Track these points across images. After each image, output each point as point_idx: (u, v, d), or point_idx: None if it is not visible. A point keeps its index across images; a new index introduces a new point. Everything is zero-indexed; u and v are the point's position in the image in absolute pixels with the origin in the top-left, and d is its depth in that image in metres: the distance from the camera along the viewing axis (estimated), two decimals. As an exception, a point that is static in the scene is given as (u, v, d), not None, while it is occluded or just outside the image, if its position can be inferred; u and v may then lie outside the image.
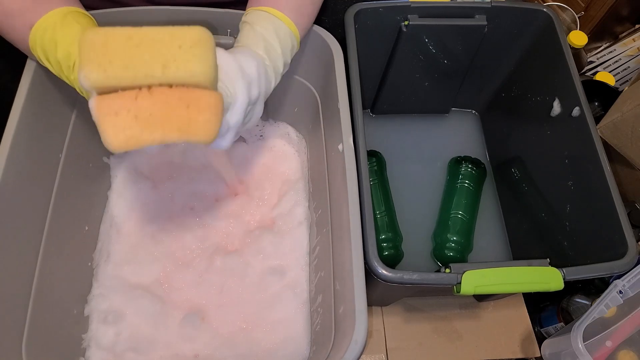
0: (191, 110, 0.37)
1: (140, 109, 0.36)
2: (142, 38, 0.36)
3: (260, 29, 0.48)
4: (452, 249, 0.70)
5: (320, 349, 0.52)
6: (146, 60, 0.35)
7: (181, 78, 0.36)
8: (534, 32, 0.67)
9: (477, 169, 0.75)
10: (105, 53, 0.35)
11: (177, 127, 0.37)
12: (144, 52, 0.35)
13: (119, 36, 0.36)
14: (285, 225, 0.65)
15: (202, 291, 0.61)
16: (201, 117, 0.37)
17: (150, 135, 0.37)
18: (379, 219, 0.70)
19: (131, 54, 0.35)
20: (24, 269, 0.50)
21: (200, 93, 0.37)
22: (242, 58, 0.44)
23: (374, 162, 0.74)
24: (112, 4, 0.57)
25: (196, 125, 0.37)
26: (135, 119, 0.36)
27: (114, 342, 0.57)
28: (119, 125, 0.36)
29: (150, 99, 0.36)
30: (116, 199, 0.66)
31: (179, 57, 0.36)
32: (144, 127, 0.36)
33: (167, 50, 0.36)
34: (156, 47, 0.36)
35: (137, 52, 0.35)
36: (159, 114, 0.36)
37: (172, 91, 0.37)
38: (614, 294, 0.53)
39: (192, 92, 0.37)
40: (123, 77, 0.35)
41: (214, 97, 0.38)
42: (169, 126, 0.37)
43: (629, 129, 0.68)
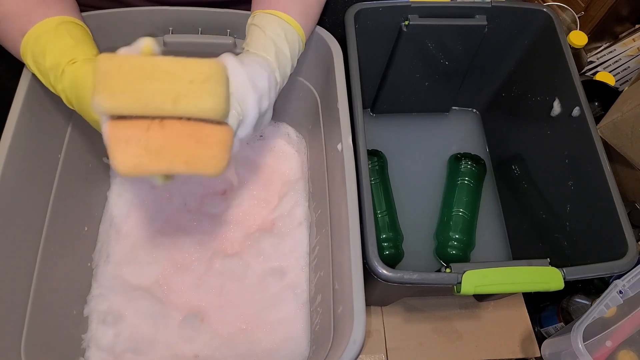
0: (200, 146, 0.38)
1: (151, 140, 0.37)
2: (154, 69, 0.36)
3: (271, 34, 0.48)
4: (454, 247, 0.70)
5: (320, 348, 0.52)
6: (157, 93, 0.36)
7: (191, 113, 0.37)
8: (534, 32, 0.67)
9: (477, 165, 0.75)
10: (118, 82, 0.36)
11: (184, 161, 0.38)
12: (156, 84, 0.36)
13: (132, 66, 0.36)
14: (285, 226, 0.65)
15: (202, 293, 0.61)
16: (210, 152, 0.38)
17: (157, 166, 0.37)
18: (379, 219, 0.70)
19: (143, 86, 0.36)
20: (23, 269, 0.50)
21: (210, 129, 0.38)
22: (253, 70, 0.44)
23: (375, 161, 0.74)
24: (113, 3, 0.57)
25: (204, 160, 0.38)
26: (145, 149, 0.37)
27: (114, 343, 0.57)
28: (128, 153, 0.37)
29: (162, 132, 0.37)
30: (115, 200, 0.66)
31: (190, 93, 0.36)
32: (153, 157, 0.37)
33: (178, 84, 0.36)
34: (168, 80, 0.36)
35: (148, 84, 0.36)
36: (169, 146, 0.37)
37: (184, 126, 0.37)
38: (614, 294, 0.53)
39: (203, 127, 0.38)
40: (134, 107, 0.36)
41: (224, 132, 0.39)
42: (177, 159, 0.38)
43: (629, 129, 0.68)
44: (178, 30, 0.57)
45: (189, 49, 0.58)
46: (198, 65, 0.37)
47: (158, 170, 0.38)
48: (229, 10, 0.57)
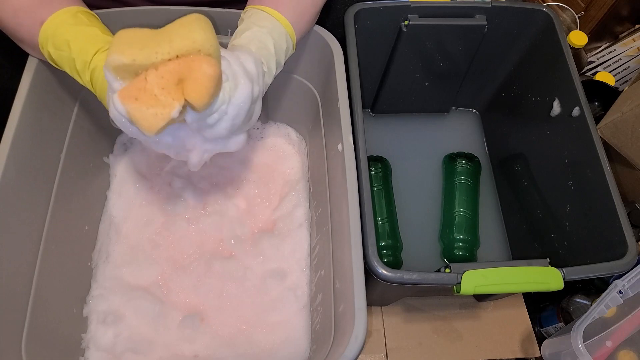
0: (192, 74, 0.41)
1: (153, 85, 0.40)
2: (155, 31, 0.41)
3: (256, 28, 0.48)
4: (460, 248, 0.70)
5: (320, 347, 0.52)
6: (156, 41, 0.41)
7: (185, 46, 0.41)
8: (534, 32, 0.67)
9: (472, 163, 0.75)
10: (127, 42, 0.41)
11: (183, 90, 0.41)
12: (155, 36, 0.41)
13: (139, 32, 0.41)
14: (286, 227, 0.65)
15: (202, 294, 0.61)
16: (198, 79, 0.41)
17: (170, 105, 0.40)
18: (380, 225, 0.70)
19: (145, 40, 0.41)
20: (24, 268, 0.50)
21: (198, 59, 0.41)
22: (241, 55, 0.45)
23: (379, 167, 0.74)
24: (114, 3, 0.57)
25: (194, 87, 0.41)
26: (152, 96, 0.40)
27: (113, 343, 0.57)
28: (143, 108, 0.40)
29: (158, 74, 0.40)
30: (115, 199, 0.66)
31: (182, 31, 0.41)
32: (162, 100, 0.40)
33: (172, 30, 0.41)
34: (164, 32, 0.41)
35: (150, 37, 0.41)
36: (170, 83, 0.41)
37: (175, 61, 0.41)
38: (614, 294, 0.53)
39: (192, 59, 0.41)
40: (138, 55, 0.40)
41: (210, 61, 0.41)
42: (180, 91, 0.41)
43: (629, 129, 0.68)
44: (178, 30, 0.57)
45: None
46: (184, 17, 0.42)
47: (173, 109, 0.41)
48: (229, 10, 0.57)
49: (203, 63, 0.41)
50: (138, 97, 0.40)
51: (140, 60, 0.40)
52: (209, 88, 0.41)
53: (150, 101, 0.40)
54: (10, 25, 0.48)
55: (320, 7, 0.55)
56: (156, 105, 0.40)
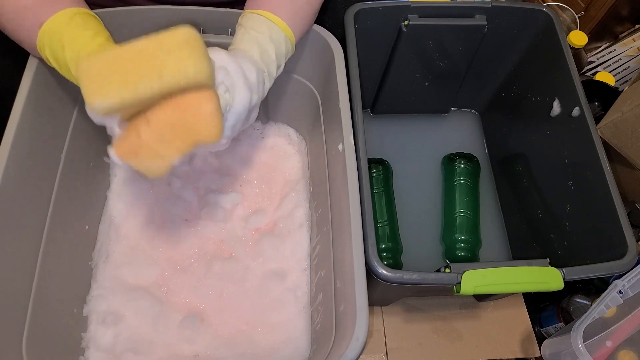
0: (189, 119, 0.39)
1: (149, 141, 0.39)
2: (131, 54, 0.37)
3: (255, 33, 0.48)
4: (462, 249, 0.70)
5: (321, 347, 0.52)
6: (141, 73, 0.37)
7: (178, 82, 0.37)
8: (534, 32, 0.67)
9: (471, 163, 0.75)
10: (103, 77, 0.37)
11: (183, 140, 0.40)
12: (137, 65, 0.37)
13: (111, 57, 0.37)
14: (286, 227, 0.65)
15: (202, 295, 0.61)
16: (203, 121, 0.39)
17: (170, 156, 0.40)
18: (380, 228, 0.69)
19: (126, 71, 0.37)
20: (24, 268, 0.50)
21: (196, 99, 0.39)
22: (243, 63, 0.45)
23: (380, 170, 0.74)
24: (116, 2, 0.57)
25: (200, 130, 0.40)
26: (151, 151, 0.39)
27: (113, 343, 0.57)
28: (144, 162, 0.40)
29: (151, 128, 0.39)
30: (115, 199, 0.66)
31: (171, 63, 0.37)
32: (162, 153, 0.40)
33: (157, 58, 0.37)
34: (146, 58, 0.37)
35: (130, 67, 0.37)
36: (166, 136, 0.39)
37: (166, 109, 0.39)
38: (614, 294, 0.53)
39: (184, 98, 0.39)
40: (124, 95, 0.37)
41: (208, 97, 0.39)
42: (180, 142, 0.40)
43: (629, 129, 0.68)
44: (179, 29, 0.57)
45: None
46: (170, 36, 0.38)
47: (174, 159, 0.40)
48: (230, 9, 0.57)
49: (202, 103, 0.39)
50: (137, 153, 0.39)
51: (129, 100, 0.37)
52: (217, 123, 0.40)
53: (150, 155, 0.39)
54: (10, 27, 0.48)
55: (317, 6, 0.55)
56: (156, 158, 0.39)
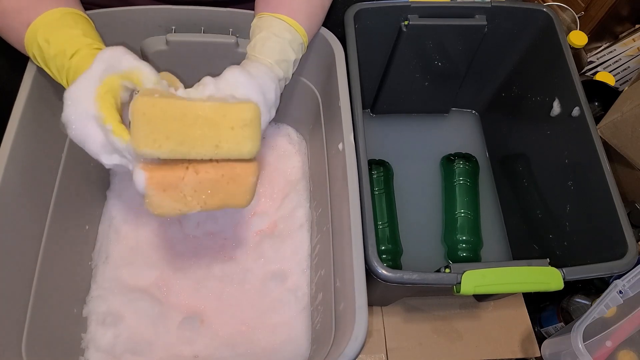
0: (232, 184, 0.41)
1: (187, 187, 0.40)
2: (196, 116, 0.38)
3: (279, 40, 0.49)
4: (464, 249, 0.70)
5: (321, 346, 0.52)
6: (200, 139, 0.38)
7: (231, 156, 0.40)
8: (534, 32, 0.67)
9: (470, 163, 0.76)
10: (162, 129, 0.38)
11: (218, 200, 0.41)
12: (199, 130, 0.38)
13: (175, 112, 0.38)
14: (286, 228, 0.65)
15: (201, 296, 0.61)
16: (241, 189, 0.41)
17: (193, 207, 0.41)
18: (380, 230, 0.69)
19: (186, 132, 0.38)
20: (25, 267, 0.50)
21: (242, 168, 0.41)
22: (264, 83, 0.45)
23: (381, 171, 0.74)
24: (116, 2, 0.57)
25: (236, 196, 0.41)
26: (181, 195, 0.40)
27: (113, 344, 0.57)
28: (166, 200, 0.40)
29: (196, 177, 0.40)
30: (115, 200, 0.66)
31: (231, 139, 0.39)
32: (189, 202, 0.40)
33: (220, 131, 0.39)
34: (209, 126, 0.38)
35: (191, 131, 0.38)
36: (203, 190, 0.40)
37: (217, 169, 0.40)
38: (614, 294, 0.53)
39: (235, 167, 0.41)
40: (177, 152, 0.38)
41: (253, 168, 0.41)
42: (210, 200, 0.41)
43: (629, 129, 0.68)
44: (181, 29, 0.57)
45: (191, 47, 0.58)
46: (238, 112, 0.39)
47: (191, 211, 0.41)
48: (232, 9, 0.57)
49: (248, 174, 0.41)
50: (167, 190, 0.39)
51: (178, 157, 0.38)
52: (253, 193, 0.42)
53: (177, 197, 0.40)
54: (1, 27, 0.48)
55: (326, 11, 0.56)
56: (180, 203, 0.40)
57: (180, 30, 0.57)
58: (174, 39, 0.57)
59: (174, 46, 0.58)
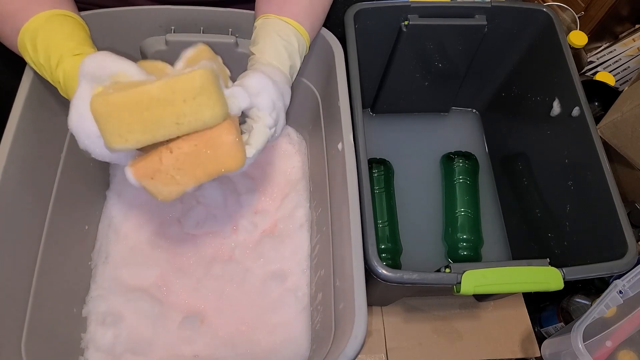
0: (211, 152, 0.41)
1: (169, 167, 0.40)
2: (148, 101, 0.38)
3: (285, 44, 0.49)
4: (465, 248, 0.70)
5: (321, 346, 0.52)
6: (159, 121, 0.38)
7: (195, 128, 0.40)
8: (534, 32, 0.67)
9: (469, 161, 0.76)
10: (121, 122, 0.38)
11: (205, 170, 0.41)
12: (155, 113, 0.38)
13: (127, 103, 0.38)
14: (287, 228, 0.65)
15: (201, 296, 0.61)
16: (223, 151, 0.41)
17: (186, 184, 0.41)
18: (380, 229, 0.69)
19: (144, 119, 0.38)
20: (23, 268, 0.50)
21: (214, 131, 0.40)
22: (282, 88, 0.46)
23: (381, 170, 0.74)
24: (116, 2, 0.57)
25: (222, 160, 0.41)
26: (168, 177, 0.41)
27: (113, 344, 0.57)
28: (159, 186, 0.41)
29: (173, 157, 0.40)
30: (115, 199, 0.66)
31: (188, 112, 0.39)
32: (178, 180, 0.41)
33: (175, 107, 0.38)
34: (163, 107, 0.38)
35: (149, 116, 0.38)
36: (186, 165, 0.40)
37: (189, 141, 0.40)
38: (614, 294, 0.53)
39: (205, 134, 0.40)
40: (143, 140, 0.39)
41: (227, 128, 0.41)
42: (199, 171, 0.41)
43: (629, 129, 0.68)
44: (180, 29, 0.57)
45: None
46: (185, 82, 0.38)
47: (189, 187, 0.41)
48: (231, 9, 0.57)
49: (222, 135, 0.40)
50: (154, 177, 0.40)
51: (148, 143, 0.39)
52: (238, 152, 0.41)
53: (166, 180, 0.40)
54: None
55: (327, 13, 0.56)
56: (172, 184, 0.41)
57: (180, 31, 0.57)
58: (173, 39, 0.57)
59: (174, 46, 0.57)
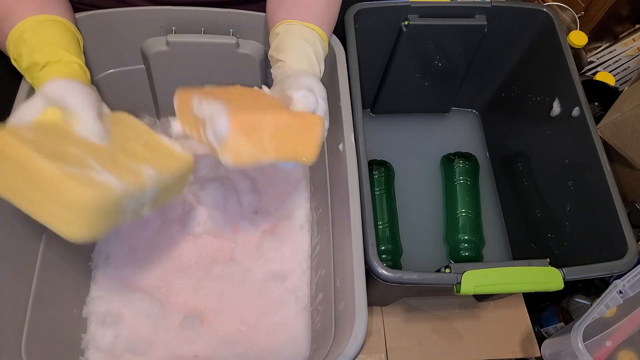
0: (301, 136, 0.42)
1: (266, 133, 0.41)
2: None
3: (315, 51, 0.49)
4: (466, 249, 0.70)
5: (321, 346, 0.52)
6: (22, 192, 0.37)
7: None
8: (534, 32, 0.67)
9: (469, 162, 0.76)
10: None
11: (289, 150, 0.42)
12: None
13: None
14: (287, 229, 0.65)
15: (201, 297, 0.61)
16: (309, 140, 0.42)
17: (268, 154, 0.41)
18: (380, 230, 0.69)
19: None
20: (24, 268, 0.50)
21: (312, 119, 0.42)
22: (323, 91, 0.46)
23: (382, 171, 0.74)
24: (116, 3, 0.57)
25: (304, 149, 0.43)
26: (259, 139, 0.41)
27: (113, 344, 0.57)
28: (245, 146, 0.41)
29: (274, 124, 0.41)
30: (116, 199, 0.66)
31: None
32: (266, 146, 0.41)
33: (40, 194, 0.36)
34: (35, 188, 0.36)
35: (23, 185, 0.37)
36: (279, 136, 0.41)
37: (291, 115, 0.42)
38: (614, 294, 0.53)
39: (305, 117, 0.42)
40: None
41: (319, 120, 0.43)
42: (283, 148, 0.42)
43: (629, 129, 0.68)
44: (181, 29, 0.57)
45: (192, 48, 0.58)
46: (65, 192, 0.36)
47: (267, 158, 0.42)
48: (232, 10, 0.57)
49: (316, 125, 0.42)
50: (248, 134, 0.40)
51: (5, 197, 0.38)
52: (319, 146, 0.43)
53: (256, 142, 0.41)
54: None
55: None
56: (257, 148, 0.41)
57: (181, 31, 0.57)
58: (174, 39, 0.57)
59: (175, 47, 0.58)
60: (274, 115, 0.41)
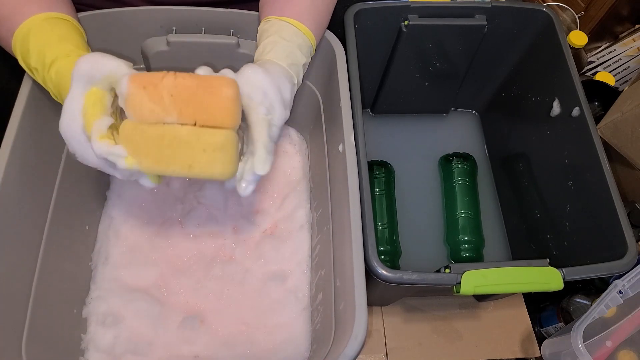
0: (208, 98, 0.41)
1: (165, 87, 0.41)
2: (172, 138, 0.41)
3: (286, 43, 0.49)
4: (467, 250, 0.70)
5: (321, 346, 0.52)
6: (174, 159, 0.41)
7: (202, 175, 0.42)
8: (534, 32, 0.67)
9: (468, 162, 0.76)
10: (141, 148, 0.41)
11: (194, 110, 0.41)
12: (174, 152, 0.41)
13: (153, 134, 0.41)
14: (287, 229, 0.65)
15: (201, 297, 0.61)
16: (219, 104, 0.41)
17: (169, 113, 0.41)
18: (379, 230, 0.69)
19: (162, 152, 0.41)
20: (24, 268, 0.50)
21: (215, 81, 0.41)
22: (280, 82, 0.46)
23: (382, 172, 0.73)
24: (117, 3, 0.57)
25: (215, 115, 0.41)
26: (158, 95, 0.41)
27: (113, 345, 0.57)
28: (144, 100, 0.41)
29: (174, 81, 0.41)
30: (115, 199, 0.66)
31: (202, 160, 0.41)
32: (166, 104, 0.41)
33: (193, 152, 0.41)
34: (184, 148, 0.41)
35: (167, 152, 0.41)
36: (181, 96, 0.41)
37: (194, 79, 0.41)
38: (614, 294, 0.53)
39: (210, 80, 0.41)
40: (154, 169, 0.42)
41: (229, 83, 0.41)
42: (188, 108, 0.41)
43: (629, 129, 0.68)
44: (181, 29, 0.57)
45: (192, 48, 0.58)
46: (211, 136, 0.41)
47: (168, 117, 0.41)
48: (232, 9, 0.57)
49: (223, 86, 0.41)
50: (146, 87, 0.40)
51: (155, 173, 0.43)
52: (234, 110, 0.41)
53: (156, 99, 0.40)
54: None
55: (331, 14, 0.56)
56: (158, 105, 0.40)
57: (181, 31, 0.57)
58: (174, 39, 0.57)
59: (175, 47, 0.58)
60: (175, 75, 0.41)
